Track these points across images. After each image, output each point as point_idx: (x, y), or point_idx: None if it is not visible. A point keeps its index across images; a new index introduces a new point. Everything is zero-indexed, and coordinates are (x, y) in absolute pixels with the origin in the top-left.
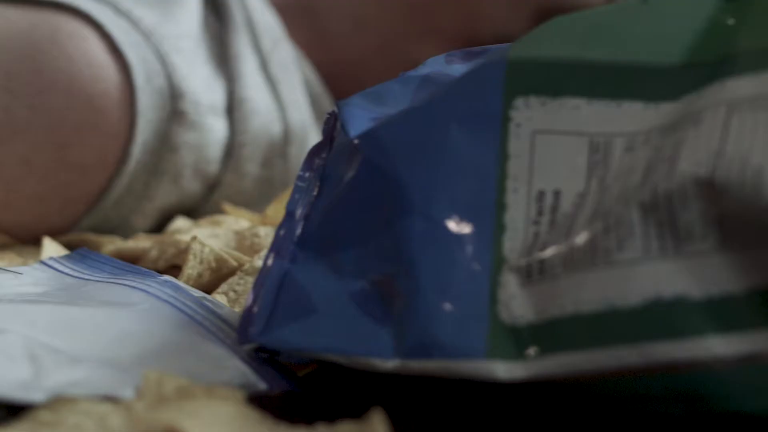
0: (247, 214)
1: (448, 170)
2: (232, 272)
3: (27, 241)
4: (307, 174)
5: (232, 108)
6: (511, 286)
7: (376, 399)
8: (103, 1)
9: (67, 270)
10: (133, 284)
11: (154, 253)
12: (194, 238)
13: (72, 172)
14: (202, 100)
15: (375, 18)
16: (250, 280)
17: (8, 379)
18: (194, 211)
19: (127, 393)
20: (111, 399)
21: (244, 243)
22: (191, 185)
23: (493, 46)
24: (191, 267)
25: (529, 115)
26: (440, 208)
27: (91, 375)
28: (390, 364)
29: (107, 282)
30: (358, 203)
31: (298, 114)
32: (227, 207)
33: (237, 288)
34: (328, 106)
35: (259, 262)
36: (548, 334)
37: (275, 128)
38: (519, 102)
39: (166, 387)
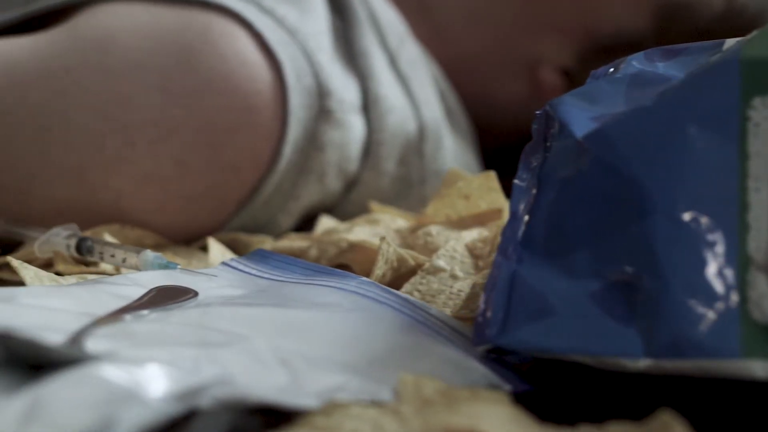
0: (396, 212)
1: (688, 169)
2: (411, 271)
3: (178, 241)
4: (525, 175)
5: (368, 106)
6: (761, 285)
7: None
8: (248, 0)
9: (253, 271)
10: (338, 285)
11: (313, 253)
12: (383, 239)
13: (225, 172)
14: (346, 98)
15: (491, 13)
16: (433, 279)
17: (269, 385)
18: (332, 209)
19: (385, 396)
20: (376, 403)
21: (417, 242)
22: (334, 184)
23: (694, 44)
24: (379, 267)
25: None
26: (683, 208)
27: (349, 379)
28: (641, 363)
29: (306, 284)
30: (589, 203)
31: (431, 111)
32: (374, 205)
33: (420, 288)
34: (454, 102)
35: (438, 262)
36: None
37: (410, 126)
38: (757, 101)
39: (425, 390)
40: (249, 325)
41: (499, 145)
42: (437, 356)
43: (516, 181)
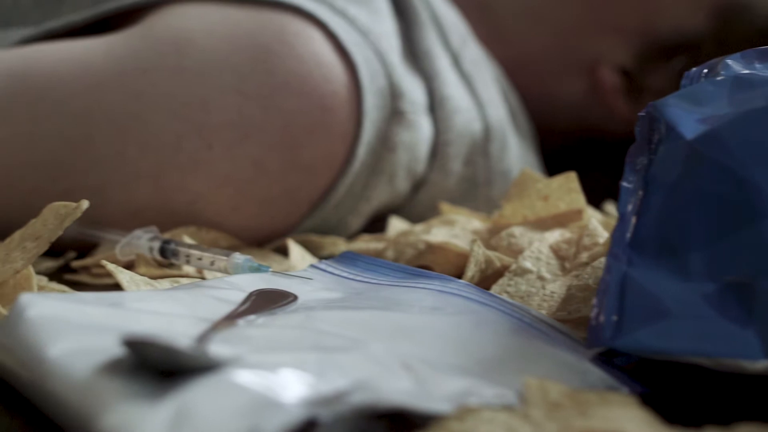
0: (466, 212)
1: None
2: (496, 273)
3: (251, 243)
4: (631, 177)
5: (434, 106)
6: None
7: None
8: (320, 1)
9: (344, 274)
10: (437, 288)
11: (390, 254)
12: (475, 241)
13: (301, 173)
14: (416, 99)
15: (551, 13)
16: (520, 281)
17: (396, 390)
18: (399, 210)
19: (510, 400)
20: (505, 407)
21: (501, 243)
22: (402, 185)
23: None
24: (470, 269)
25: None
26: None
27: (475, 384)
28: (760, 365)
29: (403, 286)
30: (702, 204)
31: (496, 111)
32: (444, 206)
33: (509, 289)
34: (515, 102)
35: (525, 263)
36: None
37: (476, 126)
38: None
39: (551, 393)
40: (359, 330)
41: (557, 145)
42: (551, 359)
43: (623, 183)
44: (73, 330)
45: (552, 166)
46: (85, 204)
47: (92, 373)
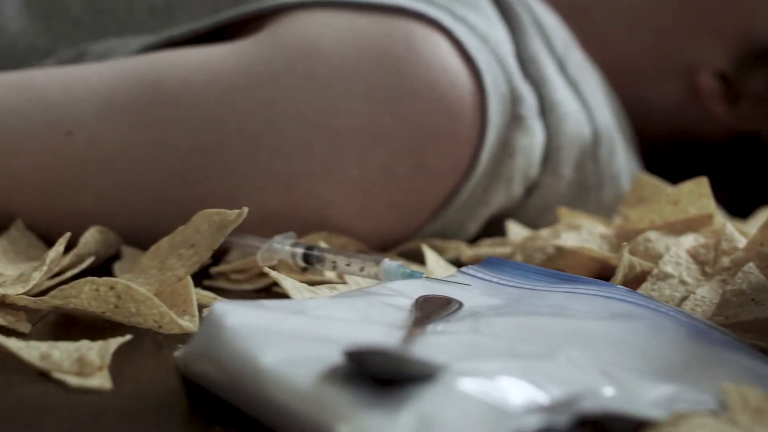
0: (585, 217)
1: None
2: (637, 278)
3: (376, 248)
4: None
5: (545, 111)
6: None
7: None
8: (441, 7)
9: (495, 279)
10: (600, 293)
11: (518, 259)
12: (624, 245)
13: (427, 178)
14: (533, 104)
15: (648, 17)
16: (663, 285)
17: (605, 396)
18: (510, 214)
19: (710, 405)
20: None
21: (638, 248)
22: (517, 189)
23: None
24: (619, 275)
25: None
26: None
27: (677, 389)
28: None
29: (564, 292)
30: None
31: (603, 116)
32: (562, 210)
33: (653, 294)
34: (618, 107)
35: (666, 268)
36: None
37: (585, 131)
38: None
39: (751, 399)
40: (535, 337)
41: (651, 148)
42: (734, 364)
43: None
44: (278, 338)
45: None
46: (245, 211)
47: (315, 381)
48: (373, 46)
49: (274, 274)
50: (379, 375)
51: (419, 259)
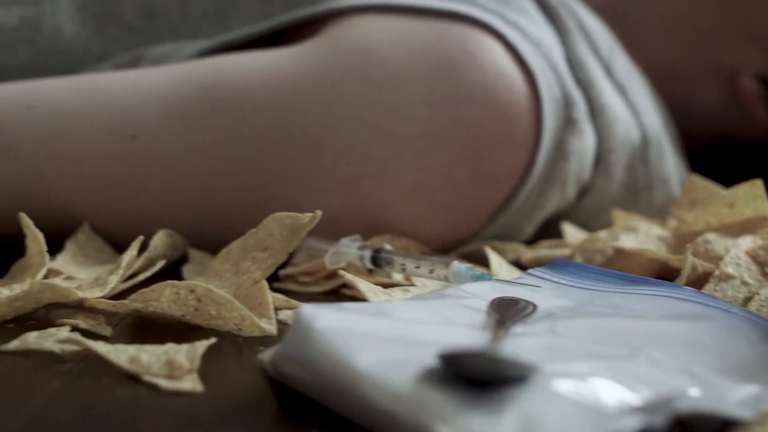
0: (640, 218)
1: None
2: (699, 279)
3: (436, 250)
4: None
5: (594, 115)
6: None
7: None
8: (493, 12)
9: (562, 281)
10: (671, 294)
11: (578, 260)
12: (689, 247)
13: (484, 182)
14: (584, 108)
15: (689, 22)
16: (726, 286)
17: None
18: (563, 216)
19: None
20: None
21: (698, 249)
22: (571, 192)
23: None
24: (683, 276)
25: None
26: None
27: (758, 390)
28: None
29: (632, 293)
30: None
31: (651, 119)
32: (617, 212)
33: (716, 295)
34: (663, 109)
35: (727, 269)
36: None
37: (634, 134)
38: None
39: None
40: (617, 338)
41: (696, 151)
42: None
43: None
44: (368, 341)
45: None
46: (318, 215)
47: (413, 383)
48: (429, 51)
49: (349, 276)
50: (475, 377)
51: (479, 261)
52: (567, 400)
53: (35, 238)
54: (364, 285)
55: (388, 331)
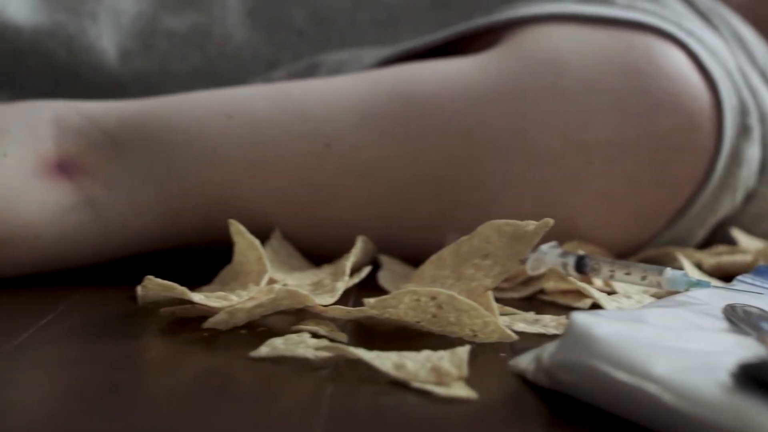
0: None
1: None
2: None
3: (615, 256)
4: None
5: (762, 122)
6: None
7: None
8: (671, 21)
9: None
10: None
11: None
12: None
13: (667, 188)
14: (757, 116)
15: None
16: None
17: None
18: (727, 222)
19: None
20: None
21: None
22: (739, 198)
23: None
24: None
25: None
26: None
27: None
28: None
29: None
30: None
31: None
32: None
33: None
34: None
35: None
36: None
37: None
38: None
39: None
40: None
41: None
42: None
43: None
44: (652, 348)
45: None
46: (549, 223)
47: (720, 391)
48: (616, 60)
49: (579, 284)
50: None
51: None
52: None
53: (251, 245)
54: (595, 293)
55: (660, 338)
